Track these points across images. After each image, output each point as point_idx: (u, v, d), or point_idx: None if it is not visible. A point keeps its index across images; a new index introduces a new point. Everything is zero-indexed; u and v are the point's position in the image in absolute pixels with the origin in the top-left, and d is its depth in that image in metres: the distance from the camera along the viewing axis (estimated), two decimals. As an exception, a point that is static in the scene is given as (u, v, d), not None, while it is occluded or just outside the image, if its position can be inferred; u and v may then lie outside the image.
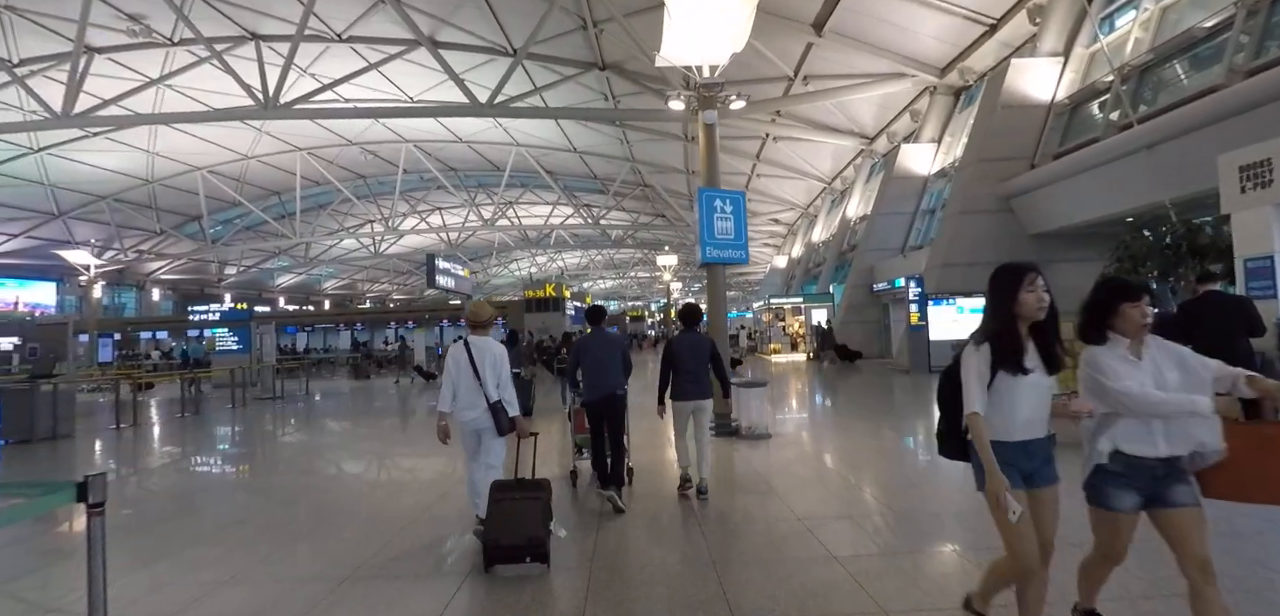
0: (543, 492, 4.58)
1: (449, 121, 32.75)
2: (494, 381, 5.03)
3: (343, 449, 10.55)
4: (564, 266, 59.42)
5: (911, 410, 12.24)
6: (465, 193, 39.86)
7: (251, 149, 35.03)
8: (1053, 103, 17.43)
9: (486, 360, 5.05)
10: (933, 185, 22.80)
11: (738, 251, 9.28)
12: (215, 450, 10.67)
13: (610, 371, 6.03)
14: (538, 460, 5.26)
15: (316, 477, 8.38)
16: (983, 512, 2.98)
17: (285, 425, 13.36)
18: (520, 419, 5.16)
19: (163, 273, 42.16)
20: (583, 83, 25.79)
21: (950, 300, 17.34)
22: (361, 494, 7.42)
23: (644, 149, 33.23)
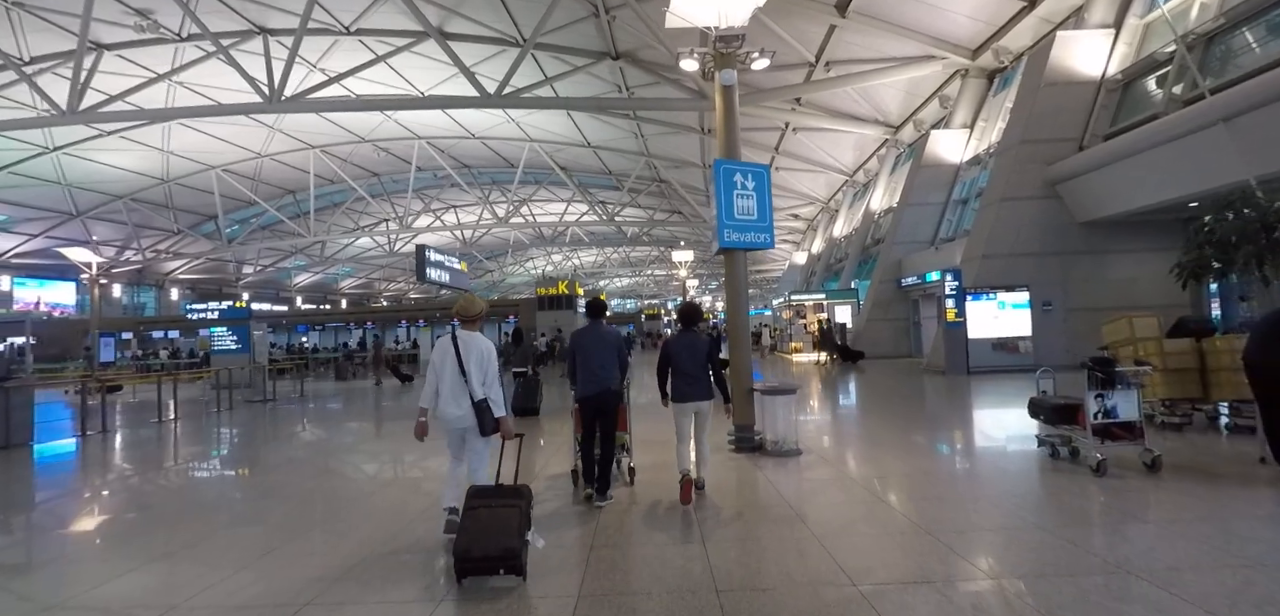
0: (521, 500, 4.11)
1: (461, 117, 31.57)
2: (480, 379, 4.67)
3: (324, 457, 9.19)
4: (580, 264, 58.03)
5: (963, 420, 10.38)
6: (479, 190, 38.59)
7: (265, 147, 34.09)
8: (1103, 78, 15.61)
9: (473, 356, 4.69)
10: (965, 174, 20.98)
11: (761, 234, 7.69)
12: (177, 463, 9.29)
13: (604, 368, 5.66)
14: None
15: (285, 491, 7.08)
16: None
17: (266, 432, 11.99)
18: (506, 419, 4.75)
19: (181, 272, 41.42)
20: (595, 73, 24.30)
21: (990, 294, 15.58)
22: (336, 508, 6.38)
23: (659, 143, 31.69)
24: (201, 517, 6.14)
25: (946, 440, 8.50)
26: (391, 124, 32.38)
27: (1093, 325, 15.90)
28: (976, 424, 9.67)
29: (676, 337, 6.02)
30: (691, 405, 5.80)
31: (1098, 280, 15.80)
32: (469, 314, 4.96)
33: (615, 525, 5.20)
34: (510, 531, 3.90)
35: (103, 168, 32.78)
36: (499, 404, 4.72)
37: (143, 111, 23.65)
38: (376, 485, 7.49)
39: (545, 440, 9.33)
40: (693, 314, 6.22)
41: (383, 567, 4.42)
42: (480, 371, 4.69)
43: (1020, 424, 9.13)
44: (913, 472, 6.59)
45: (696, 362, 5.80)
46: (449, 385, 4.72)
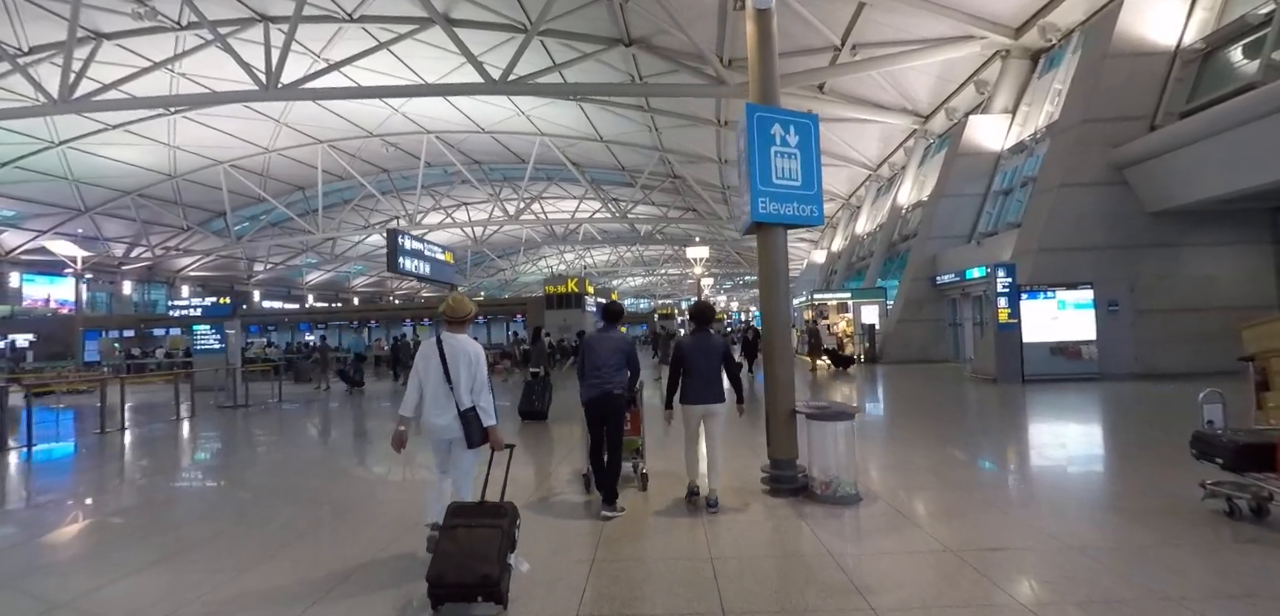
0: (503, 520, 3.62)
1: (470, 111, 29.80)
2: (468, 385, 4.17)
3: (295, 472, 7.45)
4: (593, 263, 56.00)
5: (1057, 448, 7.74)
6: (490, 186, 36.75)
7: (273, 142, 32.52)
8: (1179, 48, 13.34)
9: (461, 360, 4.20)
10: (1006, 163, 18.71)
11: (807, 206, 5.54)
12: (104, 488, 7.40)
13: (610, 371, 5.36)
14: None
15: (248, 512, 5.63)
16: None
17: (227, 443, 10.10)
18: (495, 429, 4.24)
19: (192, 269, 40.00)
20: (606, 61, 22.32)
21: (1048, 292, 13.35)
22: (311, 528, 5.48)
23: (673, 136, 29.64)
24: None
25: (1055, 481, 6.21)
26: (399, 118, 30.69)
27: (1165, 329, 13.68)
28: (1078, 454, 7.42)
29: (690, 338, 5.54)
30: (702, 408, 5.38)
31: (1171, 278, 13.53)
32: (457, 315, 4.39)
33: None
34: (490, 555, 3.48)
35: (109, 163, 31.38)
36: (489, 412, 4.22)
37: (135, 99, 21.97)
38: (352, 501, 6.28)
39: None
40: (705, 313, 5.68)
41: (358, 588, 3.97)
42: (468, 377, 4.19)
43: (1140, 455, 7.01)
44: (1035, 538, 4.46)
45: (710, 364, 5.38)
46: (434, 392, 4.23)
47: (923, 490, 5.76)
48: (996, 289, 13.31)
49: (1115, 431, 8.70)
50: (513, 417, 11.08)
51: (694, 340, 5.48)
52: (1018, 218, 17.27)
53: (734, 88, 21.08)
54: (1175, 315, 13.47)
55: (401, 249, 10.44)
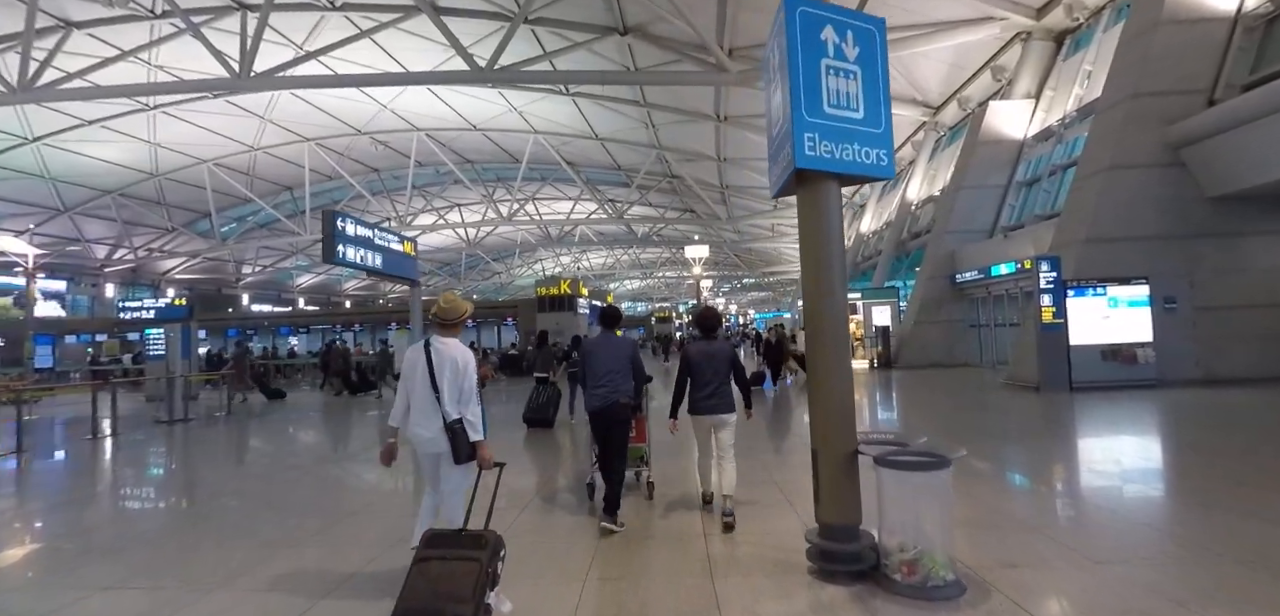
0: (483, 553, 3.09)
1: (461, 107, 27.97)
2: (454, 395, 3.60)
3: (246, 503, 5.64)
4: (589, 266, 53.97)
5: (1190, 487, 5.59)
6: (483, 187, 34.84)
7: (257, 140, 30.61)
8: (1240, 13, 11.50)
9: (447, 367, 3.61)
10: (1030, 151, 16.87)
11: (873, 148, 3.65)
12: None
13: (614, 378, 4.95)
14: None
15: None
16: None
17: (112, 478, 8.18)
18: (483, 446, 3.62)
19: (178, 272, 37.97)
20: (599, 51, 20.45)
21: (1097, 288, 11.46)
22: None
23: (671, 133, 27.79)
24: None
25: (1250, 539, 4.18)
26: (388, 115, 28.85)
27: (1227, 329, 11.40)
28: (1228, 485, 5.51)
29: (696, 346, 5.19)
30: (710, 419, 4.99)
31: (1234, 271, 11.66)
32: (449, 316, 3.76)
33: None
34: (464, 594, 2.93)
35: (87, 161, 29.40)
36: (476, 426, 3.60)
37: (99, 88, 20.10)
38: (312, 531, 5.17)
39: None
40: (711, 320, 5.45)
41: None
42: (454, 386, 3.59)
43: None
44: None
45: (717, 373, 4.99)
46: (419, 402, 3.64)
47: (1047, 566, 3.79)
48: (1039, 285, 11.41)
49: (1247, 452, 6.77)
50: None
51: (700, 348, 5.10)
52: (1046, 209, 15.43)
53: (734, 75, 19.26)
54: (1238, 313, 11.60)
55: (340, 235, 8.20)
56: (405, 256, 9.70)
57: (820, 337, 3.77)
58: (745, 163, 29.30)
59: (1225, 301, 11.56)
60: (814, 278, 3.79)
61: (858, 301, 20.26)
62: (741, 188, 32.56)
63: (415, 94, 26.69)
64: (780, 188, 4.00)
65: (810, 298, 3.83)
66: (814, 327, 3.80)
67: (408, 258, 9.82)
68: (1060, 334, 11.32)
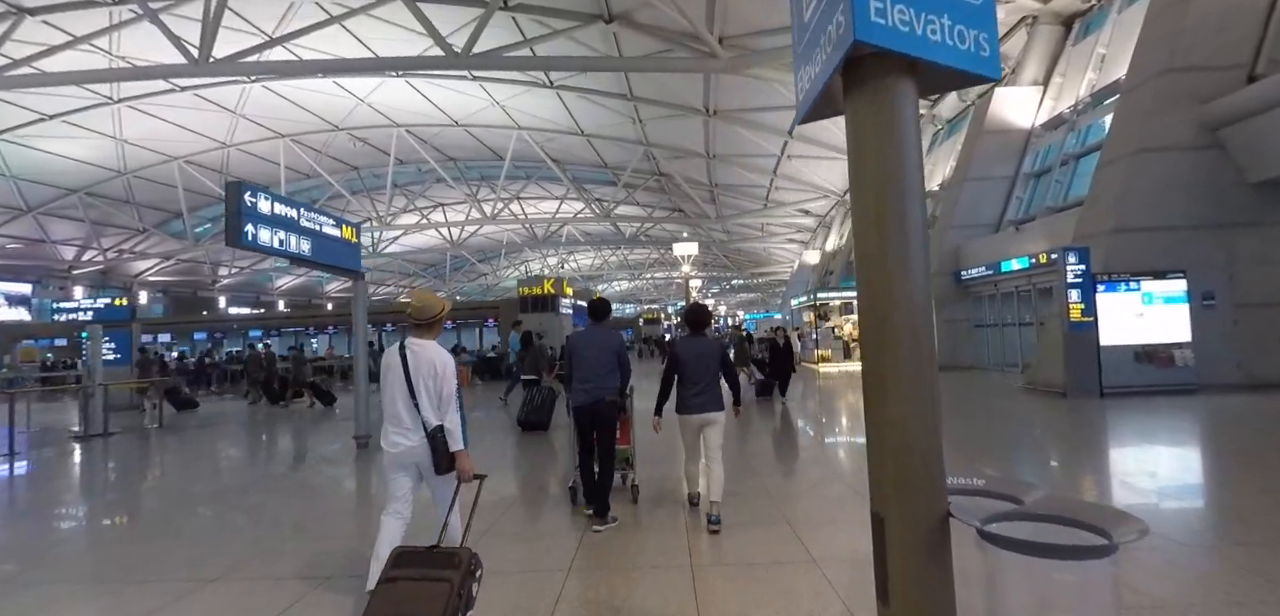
0: (455, 572, 2.75)
1: (442, 101, 26.48)
2: (433, 402, 3.30)
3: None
4: (577, 267, 52.40)
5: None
6: (466, 185, 33.29)
7: (230, 136, 28.95)
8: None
9: (423, 372, 3.31)
10: (1038, 140, 15.63)
11: (972, 28, 2.20)
12: None
13: (600, 374, 4.77)
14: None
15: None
16: None
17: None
18: (463, 455, 3.32)
19: (151, 274, 36.07)
20: (582, 40, 19.00)
21: (1130, 282, 10.17)
22: None
23: (659, 129, 26.40)
24: None
25: None
26: (366, 110, 27.31)
27: (1270, 328, 10.37)
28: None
29: (684, 342, 4.90)
30: (699, 418, 4.73)
31: (1277, 264, 10.40)
32: (423, 316, 3.42)
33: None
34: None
35: (50, 158, 27.64)
36: (456, 434, 3.29)
37: (45, 75, 18.45)
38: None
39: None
40: (700, 316, 5.12)
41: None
42: (432, 392, 3.28)
43: None
44: None
45: (706, 370, 4.76)
46: (396, 409, 3.32)
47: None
48: (1066, 279, 10.09)
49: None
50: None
51: (688, 344, 4.89)
52: (1059, 200, 14.19)
53: (725, 61, 17.92)
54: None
55: (249, 212, 6.19)
56: (343, 243, 8.10)
57: (887, 333, 2.33)
58: (735, 159, 27.99)
59: (1267, 297, 10.33)
60: (876, 235, 2.34)
61: (855, 300, 18.95)
62: (731, 185, 31.24)
63: (394, 88, 25.21)
64: (815, 98, 2.55)
65: (869, 266, 2.38)
66: (876, 316, 2.36)
67: (347, 244, 8.22)
68: (1089, 333, 10.03)
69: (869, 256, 2.40)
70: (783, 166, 27.37)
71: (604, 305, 5.32)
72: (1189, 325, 9.99)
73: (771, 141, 25.24)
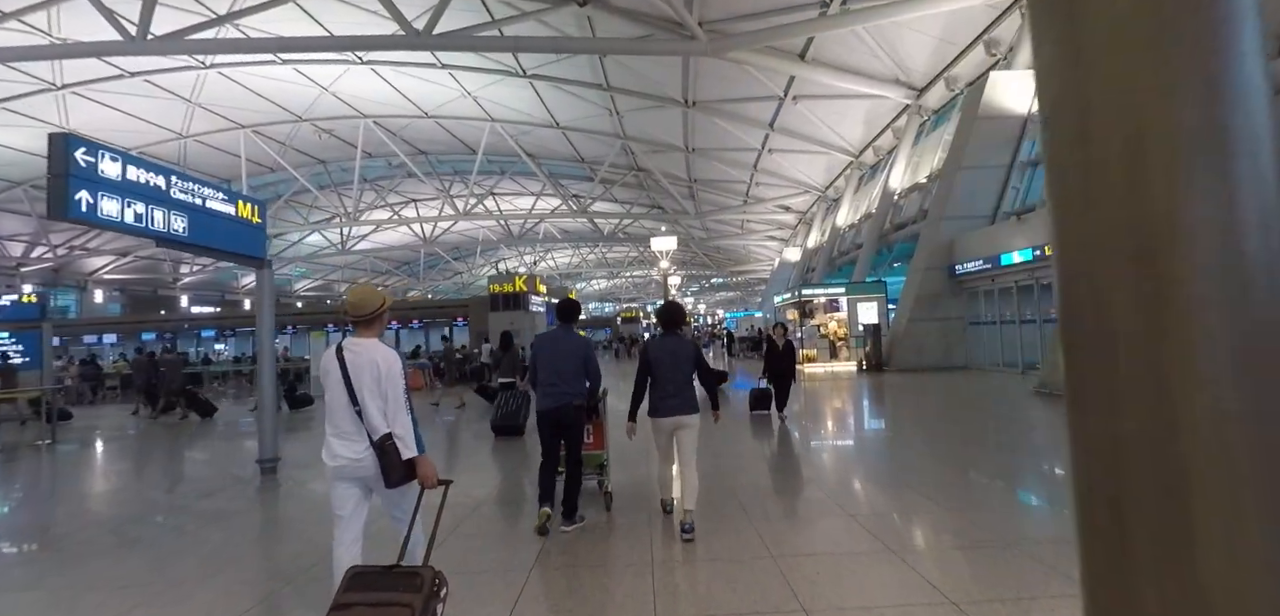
0: (417, 595, 2.40)
1: (410, 91, 24.76)
2: (379, 407, 2.82)
3: None
4: (554, 264, 50.71)
5: None
6: (439, 180, 31.51)
7: (186, 127, 26.94)
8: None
9: (366, 375, 2.85)
10: (1035, 129, 14.37)
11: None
12: None
13: (566, 378, 4.52)
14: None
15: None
16: None
17: None
18: (422, 461, 2.88)
19: (107, 272, 33.76)
20: (553, 23, 17.44)
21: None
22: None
23: (636, 121, 24.92)
24: None
25: None
26: (330, 100, 25.48)
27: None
28: None
29: (657, 342, 4.60)
30: (672, 421, 4.42)
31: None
32: (360, 312, 2.97)
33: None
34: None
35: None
36: (408, 440, 2.85)
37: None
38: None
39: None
40: (675, 315, 4.77)
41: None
42: (377, 396, 2.82)
43: None
44: None
45: (680, 371, 4.45)
46: (337, 418, 2.87)
47: None
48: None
49: None
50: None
51: (662, 344, 4.54)
52: (1059, 190, 12.97)
53: (705, 44, 16.51)
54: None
55: (83, 174, 4.44)
56: (239, 223, 6.16)
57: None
58: (715, 153, 26.62)
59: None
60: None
61: (842, 297, 17.63)
62: (710, 181, 29.88)
63: (359, 76, 23.44)
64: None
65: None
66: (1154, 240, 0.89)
67: (245, 226, 6.24)
68: (1114, 331, 8.73)
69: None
70: (763, 161, 26.06)
71: (572, 306, 4.96)
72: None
73: (752, 134, 23.90)
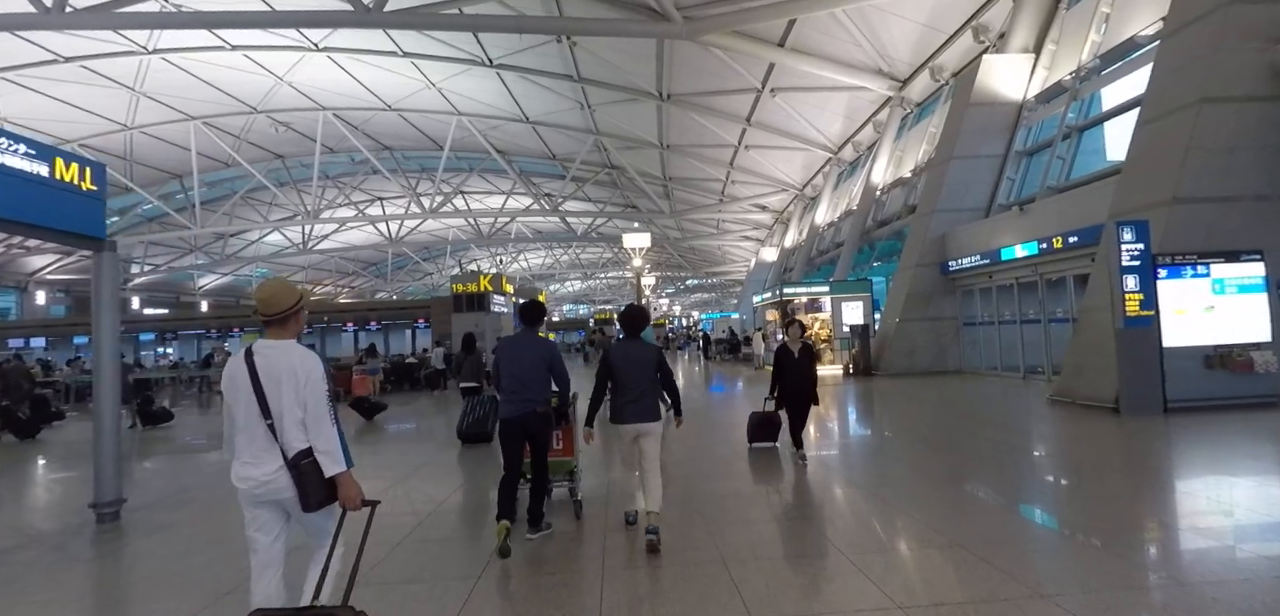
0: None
1: (372, 83, 22.88)
2: (298, 418, 2.34)
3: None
4: (527, 265, 48.72)
5: None
6: (405, 177, 29.50)
7: (131, 117, 24.57)
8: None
9: (284, 381, 2.34)
10: (1031, 115, 13.16)
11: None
12: None
13: (530, 383, 4.23)
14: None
15: None
16: None
17: None
18: (346, 479, 2.38)
19: (50, 272, 31.03)
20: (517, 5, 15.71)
21: (1198, 266, 7.57)
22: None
23: (609, 115, 23.32)
24: None
25: None
26: (287, 90, 23.42)
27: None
28: None
29: (619, 347, 4.31)
30: (633, 427, 4.12)
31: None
32: (272, 310, 2.44)
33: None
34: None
35: (-90, 137, 22.74)
36: (334, 454, 2.36)
37: None
38: None
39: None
40: (638, 318, 4.44)
41: None
42: (296, 406, 2.32)
43: None
44: None
45: (641, 376, 4.16)
46: (247, 432, 2.36)
47: None
48: (1120, 261, 7.40)
49: None
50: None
51: (623, 349, 4.26)
52: (1060, 180, 11.71)
53: (680, 26, 14.99)
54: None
55: None
56: (59, 191, 4.20)
57: None
58: (690, 150, 25.13)
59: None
60: None
61: (825, 297, 16.22)
62: (686, 179, 28.39)
63: (316, 65, 21.45)
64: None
65: None
66: None
67: (69, 194, 4.36)
68: (1150, 332, 7.37)
69: None
70: (740, 158, 24.65)
71: (536, 308, 4.67)
72: (1269, 320, 7.49)
73: (729, 130, 22.46)
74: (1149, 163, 8.29)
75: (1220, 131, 7.79)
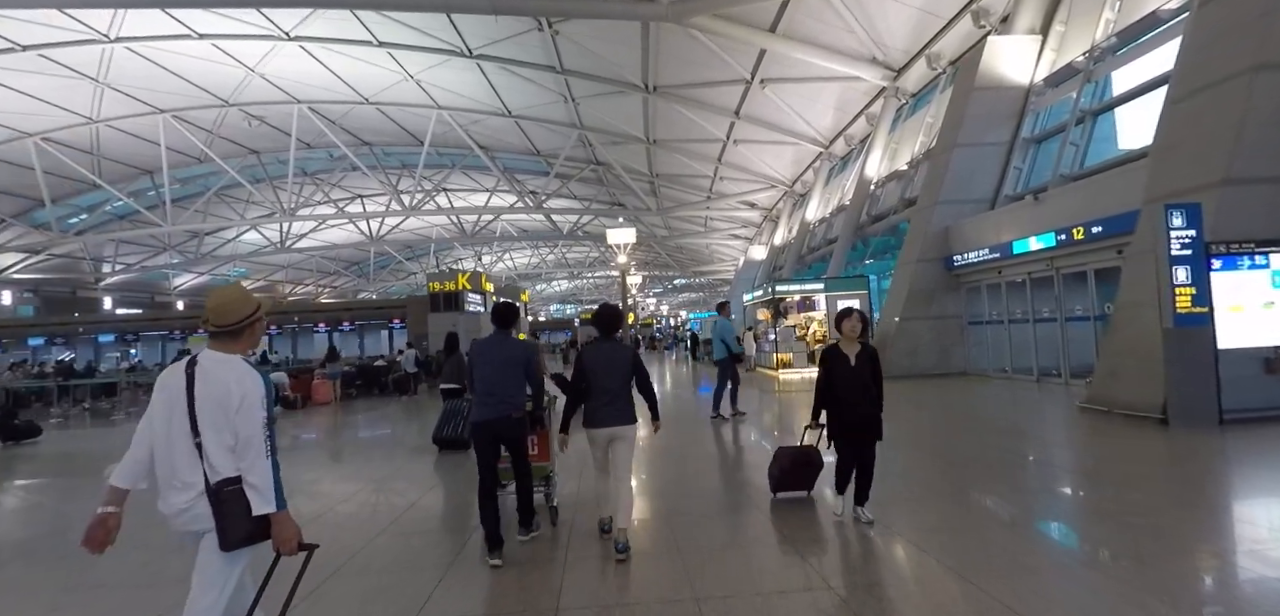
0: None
1: (348, 74, 21.53)
2: (225, 444, 2.03)
3: None
4: (513, 265, 47.29)
5: None
6: (385, 173, 28.06)
7: (96, 110, 23.02)
8: None
9: (213, 399, 2.05)
10: (1038, 100, 12.09)
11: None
12: None
13: (503, 387, 4.02)
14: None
15: None
16: None
17: None
18: (281, 519, 2.06)
19: (17, 271, 29.29)
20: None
21: (1257, 256, 6.48)
22: None
23: (593, 108, 22.09)
24: None
25: None
26: (260, 82, 21.98)
27: None
28: None
29: (592, 348, 4.09)
30: (607, 432, 3.92)
31: None
32: (222, 321, 2.15)
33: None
34: None
35: None
36: (263, 489, 2.02)
37: None
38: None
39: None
40: (611, 318, 4.17)
41: None
42: (225, 430, 2.02)
43: None
44: None
45: (616, 379, 3.93)
46: (172, 452, 2.04)
47: None
48: (1169, 250, 6.29)
49: None
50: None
51: (597, 350, 4.03)
52: (1072, 167, 10.64)
53: (666, 7, 13.82)
54: None
55: None
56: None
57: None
58: (677, 145, 23.94)
59: None
60: None
61: (820, 295, 15.11)
62: (673, 175, 27.21)
63: (289, 56, 20.05)
64: None
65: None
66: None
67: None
68: (1203, 332, 6.26)
69: None
70: (728, 153, 23.49)
71: (509, 310, 4.35)
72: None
73: (717, 123, 21.31)
74: (1191, 141, 7.19)
75: (1273, 103, 6.69)
